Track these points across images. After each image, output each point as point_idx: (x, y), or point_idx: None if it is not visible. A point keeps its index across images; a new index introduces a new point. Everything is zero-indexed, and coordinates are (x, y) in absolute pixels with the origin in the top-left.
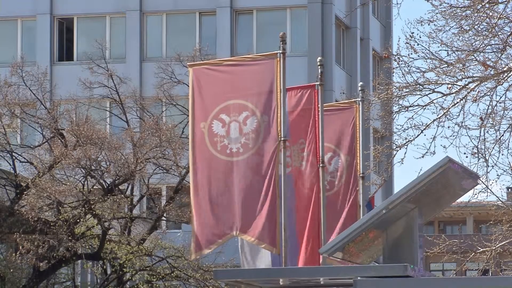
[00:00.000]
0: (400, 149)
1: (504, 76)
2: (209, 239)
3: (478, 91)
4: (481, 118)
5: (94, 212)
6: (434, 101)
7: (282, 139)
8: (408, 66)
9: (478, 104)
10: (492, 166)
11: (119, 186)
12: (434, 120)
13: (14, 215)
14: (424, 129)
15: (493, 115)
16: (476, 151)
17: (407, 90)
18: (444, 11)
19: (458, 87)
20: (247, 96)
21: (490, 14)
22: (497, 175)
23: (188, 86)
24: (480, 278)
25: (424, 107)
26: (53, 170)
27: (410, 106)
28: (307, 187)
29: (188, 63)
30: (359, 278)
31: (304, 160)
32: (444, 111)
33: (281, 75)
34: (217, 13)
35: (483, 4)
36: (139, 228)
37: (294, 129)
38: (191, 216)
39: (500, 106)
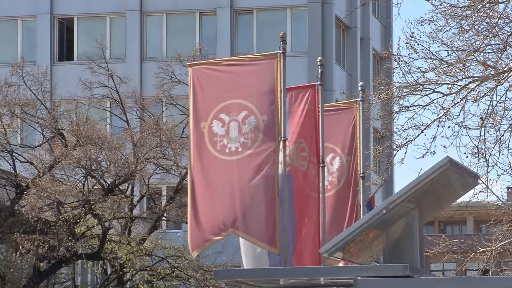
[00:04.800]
0: (400, 149)
1: (504, 76)
2: (207, 236)
3: (478, 91)
4: (481, 118)
5: (94, 212)
6: (434, 101)
7: (282, 139)
8: (408, 66)
9: (478, 104)
10: (493, 166)
11: (119, 186)
12: (434, 120)
13: (14, 215)
14: (424, 129)
15: (493, 115)
16: (477, 151)
17: (407, 90)
18: (444, 11)
19: (458, 87)
20: (247, 96)
21: (490, 14)
22: (498, 175)
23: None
24: (480, 278)
25: (424, 107)
26: (53, 170)
27: (410, 106)
28: (308, 187)
29: (187, 63)
30: (359, 278)
31: (304, 160)
32: (444, 111)
33: (281, 75)
34: (217, 13)
35: (483, 4)
36: (139, 228)
37: (294, 129)
38: (188, 214)
39: (500, 106)
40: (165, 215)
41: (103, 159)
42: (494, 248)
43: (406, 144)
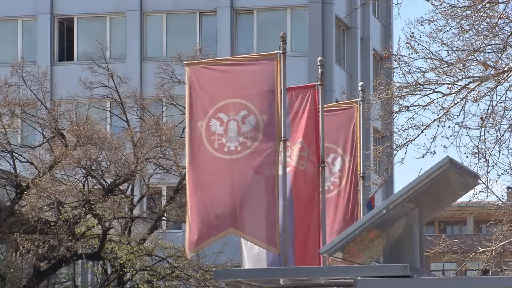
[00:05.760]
0: (400, 149)
1: (504, 76)
2: (205, 235)
3: (479, 91)
4: (481, 118)
5: (94, 212)
6: (435, 101)
7: (282, 139)
8: (408, 66)
9: (478, 104)
10: (493, 166)
11: (120, 186)
12: (434, 120)
13: (15, 215)
14: (424, 129)
15: (493, 115)
16: (477, 151)
17: (408, 90)
18: (445, 11)
19: (459, 87)
20: (247, 96)
21: (491, 14)
22: (498, 175)
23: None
24: (480, 278)
25: (425, 107)
26: (54, 170)
27: (411, 106)
28: (308, 187)
29: (185, 62)
30: (359, 278)
31: (304, 160)
32: (445, 111)
33: (281, 75)
34: (217, 13)
35: (483, 4)
36: (140, 228)
37: (294, 129)
38: (186, 213)
39: (500, 106)
40: (165, 215)
41: (103, 159)
42: (494, 248)
43: (406, 144)
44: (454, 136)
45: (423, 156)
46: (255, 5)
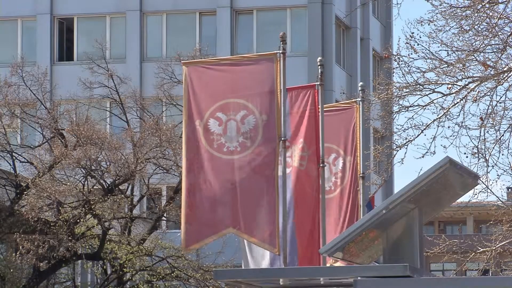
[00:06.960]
0: (400, 149)
1: (504, 76)
2: (204, 234)
3: (478, 91)
4: (481, 118)
5: (94, 212)
6: (434, 101)
7: (282, 139)
8: (408, 66)
9: (478, 104)
10: (492, 166)
11: (119, 186)
12: (434, 120)
13: (14, 215)
14: (424, 129)
15: (493, 115)
16: (476, 151)
17: (407, 90)
18: (444, 11)
19: (458, 87)
20: (246, 96)
21: (490, 14)
22: (497, 175)
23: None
24: (480, 278)
25: (424, 107)
26: (53, 170)
27: (410, 106)
28: (308, 187)
29: (182, 62)
30: (359, 278)
31: (304, 160)
32: (444, 111)
33: (281, 75)
34: (217, 13)
35: (483, 4)
36: (139, 228)
37: (294, 129)
38: (182, 211)
39: (500, 106)
40: (165, 215)
41: (103, 159)
42: (494, 248)
43: (406, 144)
44: (454, 136)
45: (423, 156)
46: (255, 5)
